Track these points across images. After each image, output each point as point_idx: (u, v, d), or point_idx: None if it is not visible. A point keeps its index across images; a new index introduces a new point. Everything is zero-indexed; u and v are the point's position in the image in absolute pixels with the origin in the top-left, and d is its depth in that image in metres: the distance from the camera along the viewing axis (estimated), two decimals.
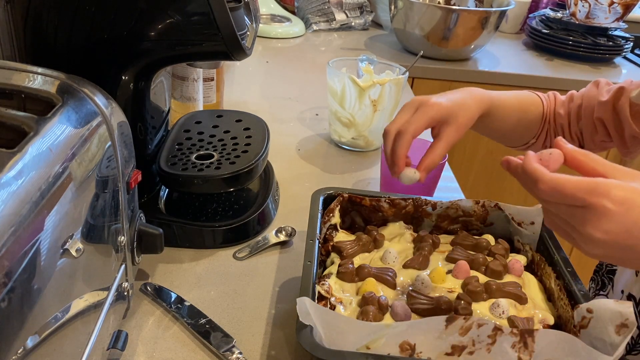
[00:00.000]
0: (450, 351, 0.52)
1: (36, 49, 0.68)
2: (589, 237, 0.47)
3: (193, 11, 0.65)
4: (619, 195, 0.45)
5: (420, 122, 0.65)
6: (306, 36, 1.81)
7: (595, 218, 0.46)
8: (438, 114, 0.67)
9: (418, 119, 0.66)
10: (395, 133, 0.67)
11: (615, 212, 0.45)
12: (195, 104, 1.03)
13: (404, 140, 0.65)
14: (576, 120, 0.85)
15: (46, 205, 0.38)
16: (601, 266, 0.83)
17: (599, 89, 0.84)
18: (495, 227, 0.73)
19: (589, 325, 0.54)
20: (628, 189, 0.46)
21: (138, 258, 0.63)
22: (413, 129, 0.65)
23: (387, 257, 0.67)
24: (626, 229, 0.46)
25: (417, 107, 0.68)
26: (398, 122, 0.67)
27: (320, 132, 1.17)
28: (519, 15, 2.02)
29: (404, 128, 0.66)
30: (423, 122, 0.66)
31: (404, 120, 0.67)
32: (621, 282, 0.77)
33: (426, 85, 1.64)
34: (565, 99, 0.87)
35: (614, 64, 1.83)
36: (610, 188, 0.46)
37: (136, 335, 0.63)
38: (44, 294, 0.38)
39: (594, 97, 0.83)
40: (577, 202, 0.46)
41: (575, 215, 0.47)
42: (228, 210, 0.83)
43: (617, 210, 0.45)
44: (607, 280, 0.80)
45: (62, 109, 0.46)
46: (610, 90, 0.82)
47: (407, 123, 0.66)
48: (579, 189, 0.46)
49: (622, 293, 0.76)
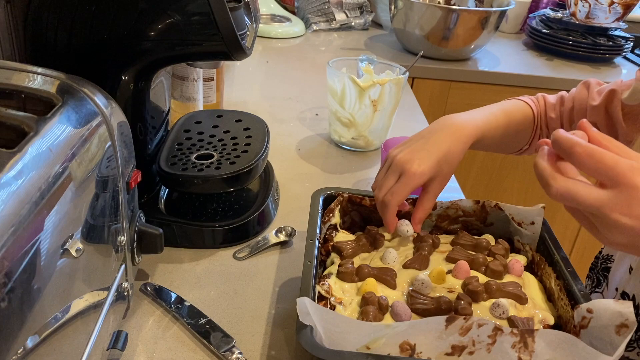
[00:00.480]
0: (450, 351, 0.52)
1: (36, 49, 0.68)
2: (614, 222, 0.46)
3: (193, 11, 0.65)
4: None
5: (403, 194, 0.68)
6: (306, 36, 1.81)
7: (626, 201, 0.45)
8: (421, 181, 0.69)
9: (400, 190, 0.68)
10: (380, 201, 0.69)
11: None
12: (195, 104, 1.03)
13: (391, 209, 0.68)
14: (569, 124, 0.85)
15: (46, 205, 0.38)
16: (596, 264, 0.83)
17: (589, 91, 0.83)
18: (495, 227, 0.73)
19: (589, 325, 0.54)
20: None
21: (138, 258, 0.63)
22: (396, 201, 0.68)
23: (387, 257, 0.67)
24: None
25: (399, 173, 0.69)
26: (383, 190, 0.69)
27: (320, 132, 1.17)
28: (519, 15, 2.02)
29: (387, 200, 0.68)
30: (406, 192, 0.68)
31: (386, 188, 0.69)
32: (615, 280, 0.77)
33: (426, 85, 1.64)
34: (555, 102, 0.87)
35: (614, 64, 1.83)
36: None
37: (136, 335, 0.63)
38: (44, 294, 0.38)
39: (585, 99, 0.84)
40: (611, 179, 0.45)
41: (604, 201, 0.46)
42: (228, 210, 0.83)
43: None
44: (602, 278, 0.81)
45: (62, 109, 0.46)
46: (602, 92, 0.81)
47: (389, 194, 0.68)
48: (618, 164, 0.45)
49: (617, 290, 0.76)
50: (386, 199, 0.68)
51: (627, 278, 0.74)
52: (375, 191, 0.71)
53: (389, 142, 0.90)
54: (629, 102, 0.78)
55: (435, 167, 0.69)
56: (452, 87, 1.66)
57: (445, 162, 0.70)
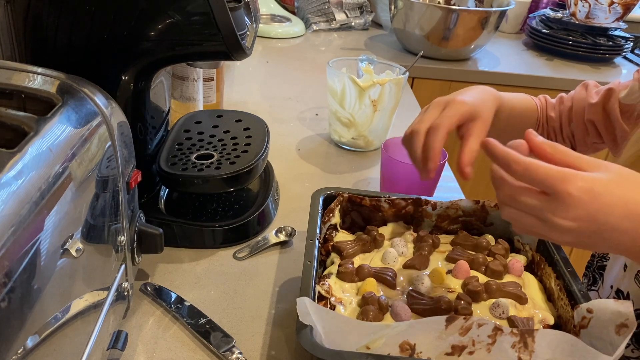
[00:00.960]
0: (450, 351, 0.52)
1: (36, 49, 0.68)
2: (557, 225, 0.49)
3: (193, 11, 0.65)
4: (585, 184, 0.48)
5: (454, 118, 0.65)
6: (306, 36, 1.81)
7: (563, 207, 0.48)
8: (468, 111, 0.66)
9: (451, 114, 0.65)
10: (426, 130, 0.65)
11: (581, 200, 0.48)
12: (195, 104, 1.03)
13: (439, 134, 0.64)
14: (567, 123, 0.87)
15: (46, 205, 0.38)
16: (592, 262, 0.84)
17: (587, 91, 0.85)
18: (495, 227, 0.73)
19: (589, 325, 0.54)
20: (592, 179, 0.49)
21: (138, 258, 0.63)
22: (448, 123, 0.64)
23: (387, 257, 0.67)
24: (591, 216, 0.48)
25: (444, 105, 0.67)
26: (428, 120, 0.66)
27: (320, 132, 1.17)
28: (519, 15, 2.02)
29: (436, 123, 0.64)
30: (456, 118, 0.65)
31: (434, 118, 0.65)
32: (611, 278, 0.78)
33: (426, 85, 1.64)
34: (555, 102, 0.89)
35: (614, 64, 1.83)
36: (578, 178, 0.48)
37: (136, 335, 0.63)
38: (44, 294, 0.38)
39: (583, 99, 0.85)
40: (547, 188, 0.49)
41: (545, 206, 0.49)
42: (228, 210, 0.83)
43: (583, 198, 0.48)
44: (598, 276, 0.81)
45: (62, 109, 0.46)
46: (600, 92, 0.83)
47: (439, 119, 0.64)
48: (549, 175, 0.48)
49: (612, 288, 0.76)
50: (435, 123, 0.64)
51: (622, 275, 0.74)
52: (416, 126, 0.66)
53: (389, 142, 0.90)
54: (625, 101, 0.79)
55: (479, 103, 0.68)
56: (452, 87, 1.66)
57: (484, 105, 0.69)
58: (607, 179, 0.49)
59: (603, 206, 0.48)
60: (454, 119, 0.65)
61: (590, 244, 0.51)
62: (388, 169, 0.89)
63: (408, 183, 0.86)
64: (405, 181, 0.87)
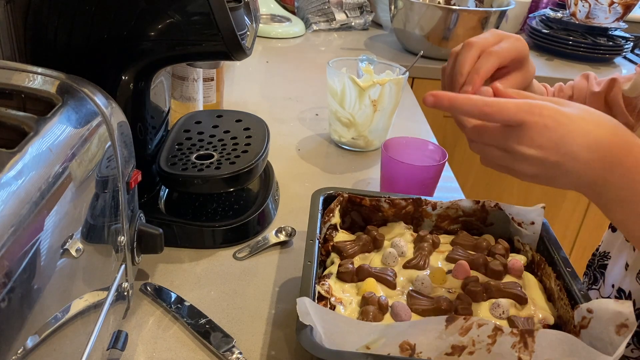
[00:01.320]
0: (450, 351, 0.52)
1: (36, 49, 0.68)
2: (522, 155, 0.51)
3: (193, 11, 0.65)
4: (551, 113, 0.51)
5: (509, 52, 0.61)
6: (306, 36, 1.81)
7: (529, 135, 0.51)
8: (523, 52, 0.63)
9: (507, 47, 0.61)
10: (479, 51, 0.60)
11: (546, 127, 0.50)
12: (195, 104, 1.03)
13: (489, 63, 0.60)
14: None
15: (46, 205, 0.38)
16: (593, 261, 0.83)
17: (589, 81, 0.85)
18: (495, 227, 0.73)
19: (589, 325, 0.54)
20: (557, 110, 0.51)
21: (138, 258, 0.63)
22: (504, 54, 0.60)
23: (387, 257, 0.67)
24: (555, 144, 0.51)
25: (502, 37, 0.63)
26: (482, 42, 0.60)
27: (320, 132, 1.17)
28: (519, 15, 2.02)
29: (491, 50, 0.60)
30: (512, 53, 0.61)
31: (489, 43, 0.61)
32: (612, 277, 0.77)
33: (426, 85, 1.64)
34: (554, 90, 0.88)
35: (614, 64, 1.83)
36: (543, 108, 0.51)
37: (136, 335, 0.63)
38: (44, 294, 0.38)
39: (584, 88, 0.85)
40: (515, 122, 0.51)
41: (511, 136, 0.51)
42: (228, 210, 0.83)
43: (549, 124, 0.50)
44: (599, 275, 0.81)
45: (62, 109, 0.46)
46: (601, 82, 0.83)
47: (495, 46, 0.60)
48: (519, 109, 0.51)
49: (613, 287, 0.76)
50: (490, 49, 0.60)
51: (623, 275, 0.74)
52: (472, 39, 0.61)
53: (389, 142, 0.90)
54: (629, 94, 0.79)
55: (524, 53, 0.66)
56: None
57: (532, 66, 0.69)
58: (571, 112, 0.52)
59: (566, 133, 0.51)
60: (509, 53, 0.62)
61: (552, 177, 0.53)
62: (388, 169, 0.89)
63: (408, 183, 0.86)
64: (405, 181, 0.87)
